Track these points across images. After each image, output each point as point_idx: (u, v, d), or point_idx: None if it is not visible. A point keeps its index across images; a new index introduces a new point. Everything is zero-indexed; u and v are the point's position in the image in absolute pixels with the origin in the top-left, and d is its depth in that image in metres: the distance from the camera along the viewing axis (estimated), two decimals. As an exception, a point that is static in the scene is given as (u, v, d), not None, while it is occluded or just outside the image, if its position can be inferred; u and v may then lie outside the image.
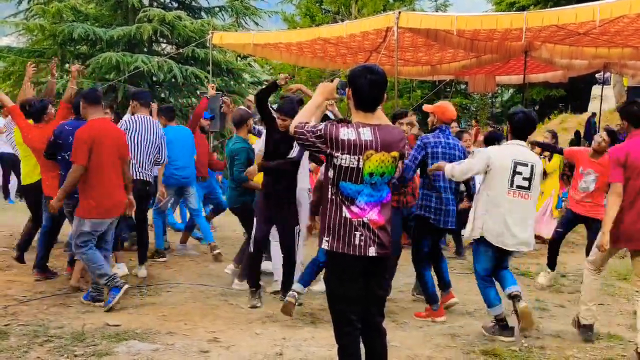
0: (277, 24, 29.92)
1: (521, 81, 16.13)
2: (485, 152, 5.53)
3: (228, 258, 8.30)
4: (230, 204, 7.30)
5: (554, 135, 12.25)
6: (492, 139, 7.94)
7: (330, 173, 3.63)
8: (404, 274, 7.55)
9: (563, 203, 10.24)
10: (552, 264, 7.66)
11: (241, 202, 7.10)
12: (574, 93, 29.09)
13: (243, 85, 22.23)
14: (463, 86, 28.95)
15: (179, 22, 20.03)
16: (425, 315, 6.19)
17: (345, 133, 3.52)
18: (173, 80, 19.99)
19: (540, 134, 13.66)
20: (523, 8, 22.16)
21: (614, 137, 7.63)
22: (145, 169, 7.26)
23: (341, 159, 3.54)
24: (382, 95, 3.64)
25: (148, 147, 7.28)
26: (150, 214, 8.25)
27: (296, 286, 6.09)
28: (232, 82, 21.53)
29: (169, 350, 4.99)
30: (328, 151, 3.56)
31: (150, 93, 8.02)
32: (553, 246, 7.71)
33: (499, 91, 28.86)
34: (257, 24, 24.04)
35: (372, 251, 3.59)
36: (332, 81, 3.91)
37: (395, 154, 3.63)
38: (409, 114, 7.49)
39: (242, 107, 8.39)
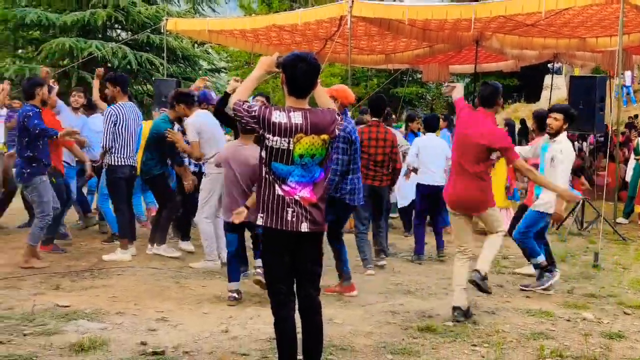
0: (234, 11, 29.79)
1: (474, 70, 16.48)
2: None
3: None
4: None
5: (508, 124, 12.57)
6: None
7: (263, 153, 3.80)
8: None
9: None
10: None
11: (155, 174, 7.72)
12: (527, 82, 29.69)
13: (200, 72, 22.22)
14: (419, 75, 29.25)
15: (133, 8, 19.97)
16: (338, 290, 6.45)
17: (277, 116, 3.71)
18: (128, 66, 19.87)
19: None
20: (477, -1, 22.46)
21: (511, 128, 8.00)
22: (133, 155, 7.66)
23: (272, 141, 3.73)
24: (314, 83, 3.83)
25: (134, 135, 7.62)
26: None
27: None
28: (188, 69, 21.65)
29: (117, 329, 5.14)
30: (261, 132, 3.75)
31: (128, 77, 8.18)
32: None
33: (455, 80, 29.24)
34: (214, 10, 24.06)
35: (304, 227, 3.78)
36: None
37: (325, 136, 3.82)
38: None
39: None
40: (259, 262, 6.19)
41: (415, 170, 8.64)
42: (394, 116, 12.16)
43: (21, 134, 7.06)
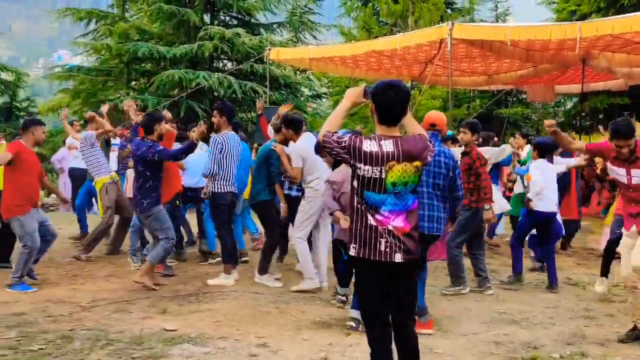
0: (336, 37, 30.03)
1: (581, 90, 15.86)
2: None
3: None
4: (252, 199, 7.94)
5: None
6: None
7: (355, 183, 3.80)
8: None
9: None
10: (606, 271, 7.57)
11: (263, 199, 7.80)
12: (638, 101, 28.17)
13: (302, 98, 22.33)
14: (524, 95, 28.38)
15: (238, 39, 20.27)
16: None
17: (368, 145, 3.71)
18: (233, 95, 20.09)
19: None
20: (584, 16, 21.56)
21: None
22: (234, 182, 7.82)
23: (364, 170, 3.72)
24: (404, 110, 3.82)
25: (235, 162, 7.80)
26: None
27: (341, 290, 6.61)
28: (290, 96, 21.56)
29: (220, 353, 5.27)
30: (352, 162, 3.75)
31: (234, 108, 8.27)
32: (607, 254, 7.60)
33: (562, 100, 28.16)
34: (315, 37, 24.31)
35: (398, 257, 3.75)
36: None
37: (417, 163, 3.78)
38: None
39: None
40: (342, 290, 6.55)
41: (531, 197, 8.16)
42: (496, 138, 11.76)
43: (141, 166, 7.34)
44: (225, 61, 22.44)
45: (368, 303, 3.87)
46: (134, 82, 21.48)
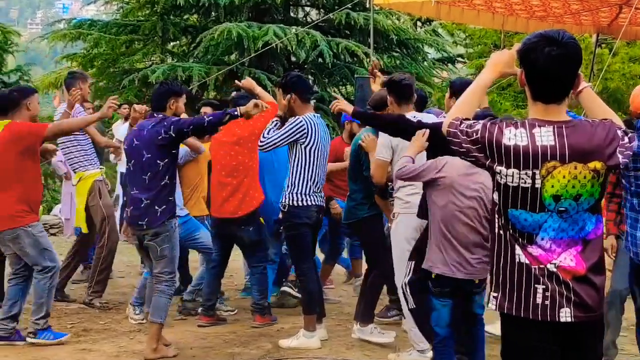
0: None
1: None
2: None
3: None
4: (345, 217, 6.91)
5: None
6: None
7: (495, 196, 2.99)
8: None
9: None
10: None
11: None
12: None
13: (424, 63, 17.75)
14: None
15: (326, -24, 16.48)
16: None
17: (512, 136, 2.86)
18: (319, 59, 16.19)
19: None
20: None
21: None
22: (320, 191, 6.39)
23: (506, 176, 2.88)
24: (573, 76, 2.92)
25: (324, 161, 6.33)
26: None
27: None
28: (406, 61, 17.09)
29: None
30: (487, 163, 2.91)
31: (306, 79, 7.25)
32: None
33: None
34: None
35: (565, 315, 2.88)
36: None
37: (597, 164, 2.84)
38: None
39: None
40: None
41: None
42: None
43: (152, 152, 5.91)
44: (307, 9, 18.59)
45: None
46: (172, 44, 17.75)
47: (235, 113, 5.69)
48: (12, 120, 6.24)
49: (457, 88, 5.05)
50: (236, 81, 7.32)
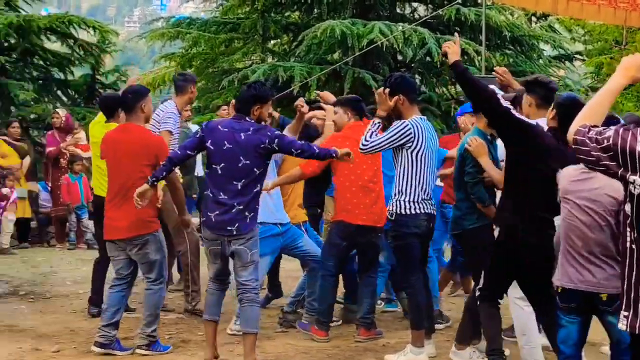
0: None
1: None
2: None
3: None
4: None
5: None
6: None
7: (628, 207, 2.91)
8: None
9: None
10: None
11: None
12: None
13: (540, 61, 16.67)
14: None
15: (435, -31, 15.86)
16: None
17: None
18: (427, 58, 15.36)
19: None
20: None
21: None
22: (431, 198, 6.17)
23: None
24: None
25: (433, 166, 6.20)
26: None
27: None
28: (519, 58, 16.19)
29: None
30: (620, 172, 2.81)
31: (413, 80, 6.98)
32: None
33: None
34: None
35: None
36: None
37: None
38: None
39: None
40: None
41: None
42: None
43: (250, 158, 5.91)
44: (414, 4, 17.72)
45: None
46: (272, 42, 17.14)
47: (334, 155, 5.74)
48: (129, 122, 6.30)
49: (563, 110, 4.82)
50: (301, 99, 7.33)
